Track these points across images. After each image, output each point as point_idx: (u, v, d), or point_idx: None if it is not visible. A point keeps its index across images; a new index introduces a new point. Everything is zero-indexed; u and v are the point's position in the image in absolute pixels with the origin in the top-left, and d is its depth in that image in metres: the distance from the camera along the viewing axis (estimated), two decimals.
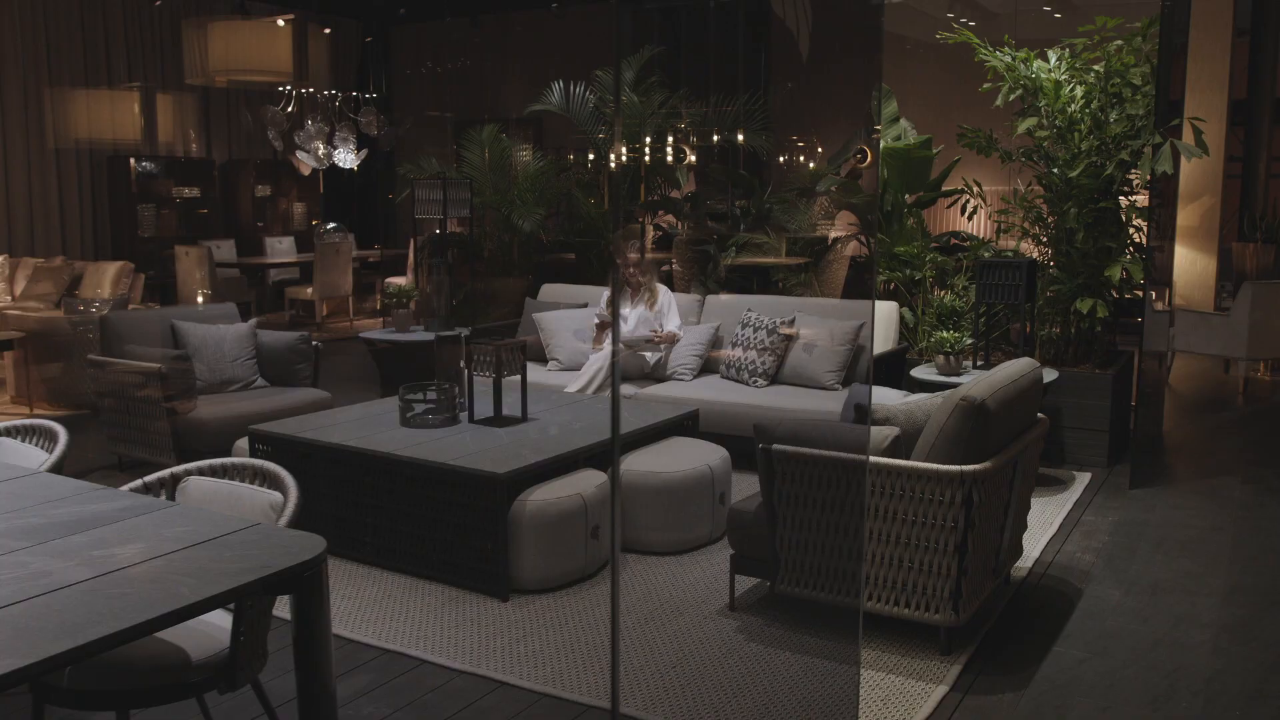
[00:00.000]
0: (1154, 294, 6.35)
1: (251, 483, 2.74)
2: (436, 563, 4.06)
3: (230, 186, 12.97)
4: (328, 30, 13.97)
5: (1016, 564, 4.11)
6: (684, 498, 4.33)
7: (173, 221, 12.07)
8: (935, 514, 3.26)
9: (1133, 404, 6.19)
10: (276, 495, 2.61)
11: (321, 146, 12.25)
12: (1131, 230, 5.95)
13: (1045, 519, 4.80)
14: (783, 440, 3.48)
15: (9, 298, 9.37)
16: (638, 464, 4.38)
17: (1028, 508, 3.96)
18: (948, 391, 3.49)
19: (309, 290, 11.74)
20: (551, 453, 4.15)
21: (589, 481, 4.11)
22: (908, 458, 3.41)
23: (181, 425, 5.28)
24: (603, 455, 4.40)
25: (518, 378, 4.66)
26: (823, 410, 5.08)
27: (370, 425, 4.61)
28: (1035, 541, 4.47)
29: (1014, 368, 3.68)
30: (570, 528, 3.96)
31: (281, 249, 12.73)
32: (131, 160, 11.47)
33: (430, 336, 6.69)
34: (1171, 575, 4.13)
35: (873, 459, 3.33)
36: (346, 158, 12.54)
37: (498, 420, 4.64)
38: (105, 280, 9.54)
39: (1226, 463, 5.96)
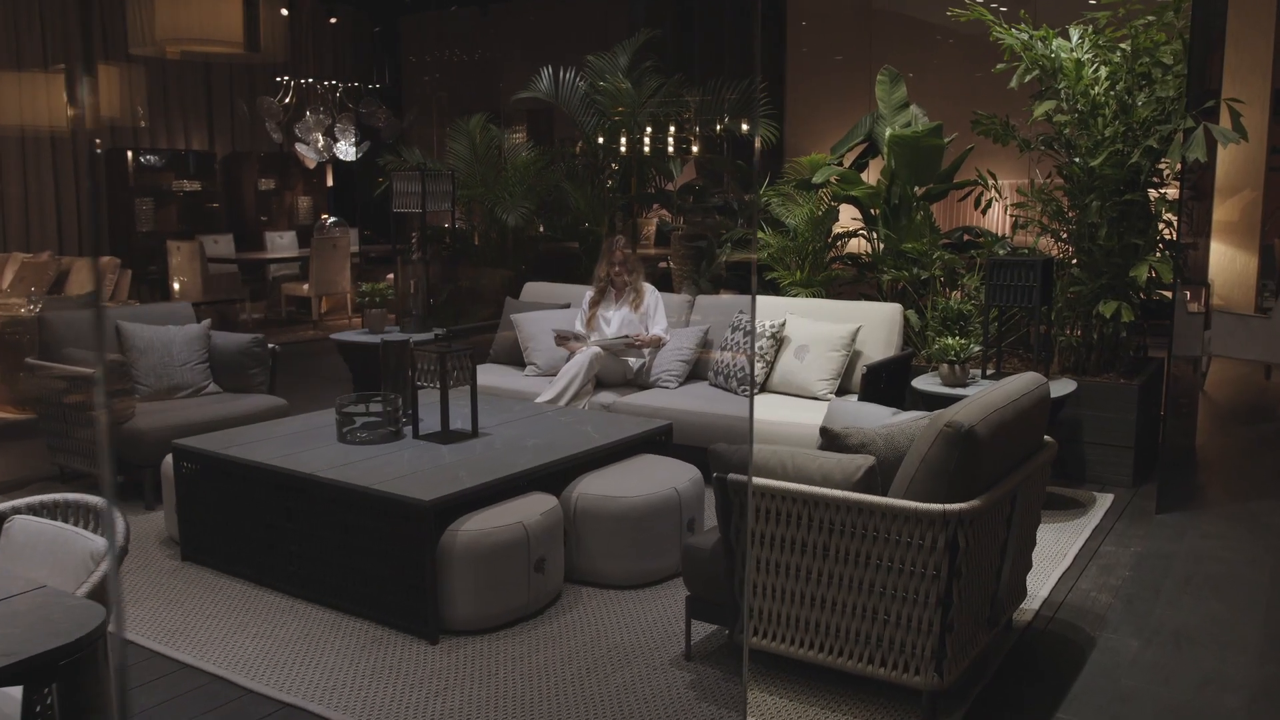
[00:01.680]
0: (1188, 294, 5.79)
1: (85, 526, 2.31)
2: (361, 598, 3.62)
3: (233, 180, 12.63)
4: (333, 20, 13.63)
5: (1021, 606, 3.60)
6: (646, 525, 3.86)
7: (173, 216, 11.75)
8: (914, 560, 2.77)
9: (1161, 414, 5.64)
10: (101, 543, 2.17)
11: (321, 138, 11.89)
12: (1161, 225, 5.39)
13: (1058, 549, 4.28)
14: (740, 468, 3.01)
15: None
16: (595, 486, 3.91)
17: (1032, 544, 3.45)
18: (936, 413, 3.00)
19: (305, 287, 11.38)
20: (493, 475, 3.69)
21: (534, 508, 3.65)
22: (886, 491, 2.92)
23: (119, 435, 4.88)
24: (556, 476, 3.94)
25: (472, 387, 4.21)
26: (810, 424, 4.59)
27: (305, 440, 4.17)
28: (1045, 577, 3.96)
29: (1014, 385, 3.18)
30: (509, 560, 3.51)
31: (282, 244, 12.34)
32: (129, 153, 11.14)
33: (408, 337, 6.26)
34: (1200, 621, 3.61)
35: (840, 494, 2.84)
36: (347, 150, 12.16)
37: (444, 436, 4.19)
38: (91, 276, 9.23)
39: (1266, 483, 5.39)
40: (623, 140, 7.30)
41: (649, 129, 7.06)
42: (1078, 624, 3.59)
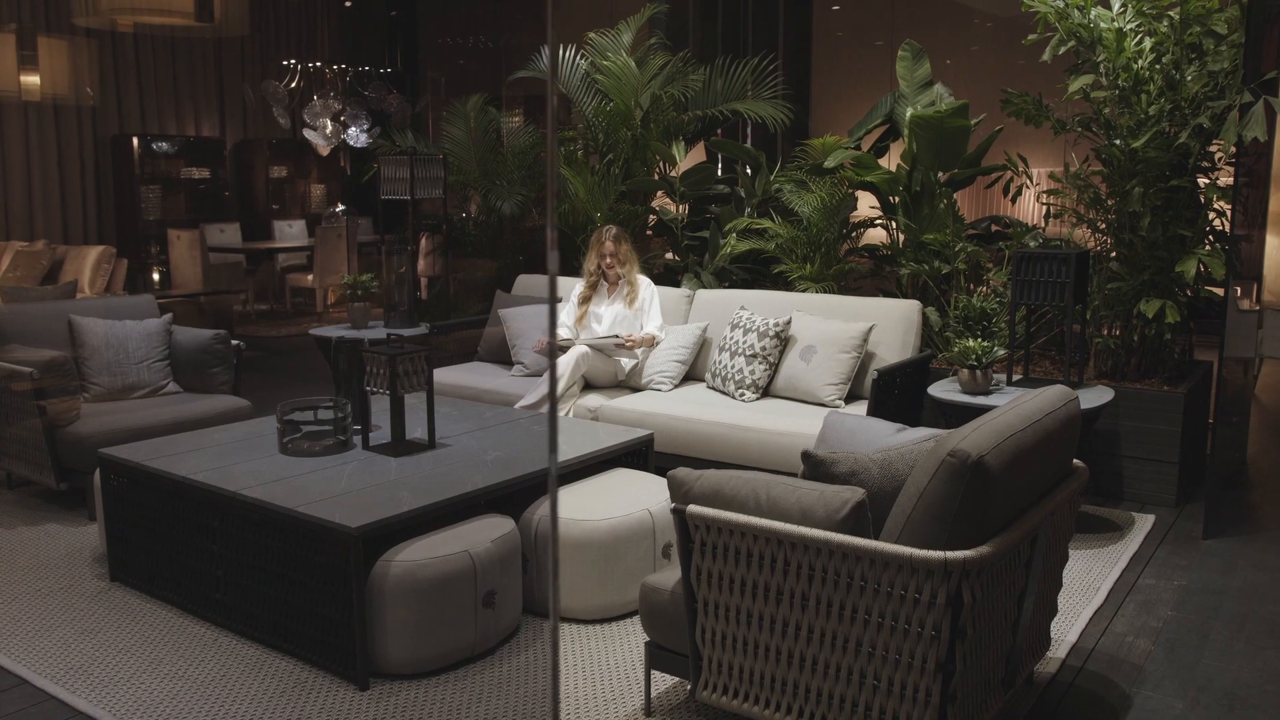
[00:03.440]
0: (1239, 290, 5.23)
1: None
2: (288, 634, 3.20)
3: (243, 168, 12.30)
4: (348, 3, 13.25)
5: (1046, 654, 3.10)
6: (614, 551, 3.40)
7: (181, 204, 11.43)
8: (909, 616, 2.29)
9: (1210, 421, 5.09)
10: None
11: (329, 124, 11.52)
12: (1211, 215, 4.84)
13: (1090, 582, 3.77)
14: (701, 498, 2.54)
15: None
16: (558, 508, 3.46)
17: (1058, 587, 2.95)
18: (941, 437, 2.52)
19: (309, 278, 11.03)
20: (438, 496, 3.25)
21: (485, 533, 3.21)
22: (878, 532, 2.44)
23: (61, 439, 4.50)
24: (518, 495, 3.50)
25: (428, 394, 3.78)
26: (814, 434, 4.11)
27: (244, 451, 3.76)
28: (1073, 617, 3.46)
29: (1036, 402, 2.68)
30: (453, 595, 3.07)
31: (291, 233, 11.99)
32: (135, 140, 10.81)
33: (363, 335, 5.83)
34: (1255, 676, 3.09)
35: (821, 535, 2.37)
36: (358, 136, 11.78)
37: (396, 447, 3.75)
38: (85, 265, 8.95)
39: None
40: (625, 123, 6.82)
41: (653, 110, 6.57)
42: (1110, 678, 3.08)
